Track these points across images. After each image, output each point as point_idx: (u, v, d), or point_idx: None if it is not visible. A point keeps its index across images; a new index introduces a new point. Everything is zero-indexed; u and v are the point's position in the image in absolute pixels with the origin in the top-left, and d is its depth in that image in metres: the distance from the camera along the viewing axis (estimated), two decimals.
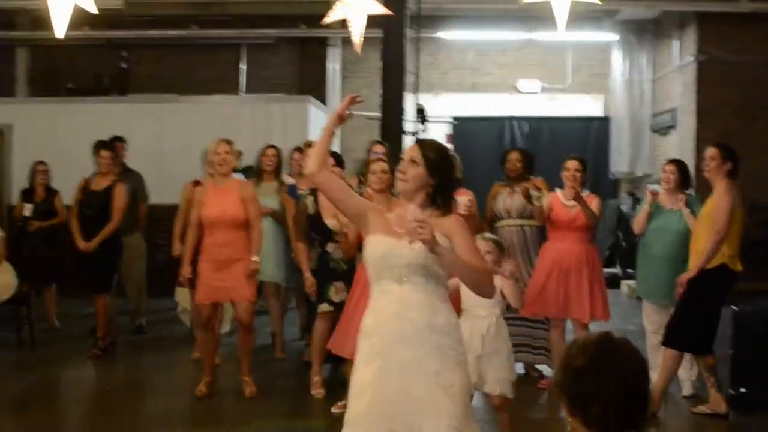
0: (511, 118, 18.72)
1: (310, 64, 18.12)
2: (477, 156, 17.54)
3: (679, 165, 9.23)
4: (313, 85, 17.83)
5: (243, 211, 8.61)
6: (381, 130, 10.91)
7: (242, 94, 18.01)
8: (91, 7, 5.89)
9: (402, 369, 4.67)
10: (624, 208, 16.80)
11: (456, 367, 4.71)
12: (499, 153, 10.53)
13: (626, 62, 18.20)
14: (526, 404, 8.44)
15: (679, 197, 8.89)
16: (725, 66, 15.42)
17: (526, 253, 9.62)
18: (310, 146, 10.57)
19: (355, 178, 9.13)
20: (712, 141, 15.08)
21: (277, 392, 9.20)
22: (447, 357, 4.70)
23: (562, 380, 2.82)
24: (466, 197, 8.72)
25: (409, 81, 11.93)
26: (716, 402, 8.19)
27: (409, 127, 11.78)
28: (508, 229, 9.60)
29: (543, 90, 18.76)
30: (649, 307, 9.16)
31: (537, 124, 18.69)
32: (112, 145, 11.16)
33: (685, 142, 15.91)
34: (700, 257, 8.06)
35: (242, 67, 18.29)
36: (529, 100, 18.80)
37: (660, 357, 8.89)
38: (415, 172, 4.78)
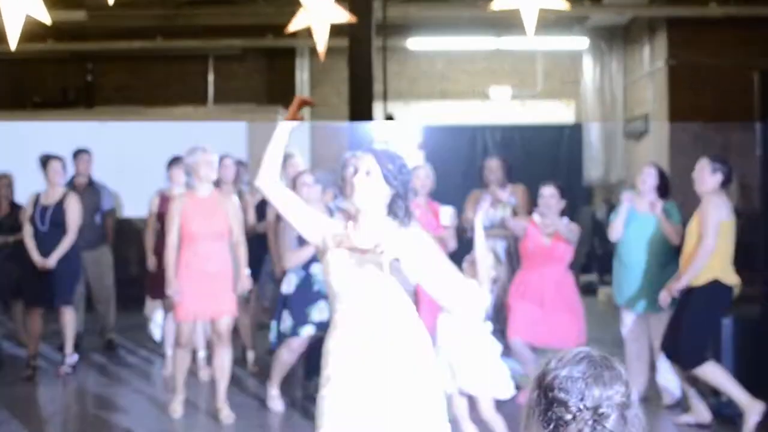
0: (483, 126, 18.61)
1: (278, 75, 17.96)
2: (449, 164, 17.35)
3: (656, 169, 9.05)
4: (281, 95, 17.65)
5: (227, 223, 8.39)
6: (349, 139, 10.77)
7: (210, 105, 17.80)
8: (44, 17, 5.68)
9: (370, 387, 4.52)
10: (598, 215, 16.71)
11: (427, 383, 4.58)
12: (471, 161, 10.39)
13: (597, 68, 18.13)
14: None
15: (656, 204, 8.70)
16: (696, 70, 15.36)
17: (509, 263, 9.44)
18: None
19: (329, 193, 8.95)
20: (686, 145, 15.19)
21: (255, 411, 8.93)
22: (416, 374, 4.56)
23: (535, 397, 2.63)
24: (450, 208, 8.53)
25: (378, 90, 11.79)
26: (699, 411, 8.06)
27: (377, 136, 11.63)
28: (493, 238, 9.41)
29: (514, 97, 18.67)
30: (627, 316, 8.97)
31: (509, 132, 18.56)
32: (60, 157, 10.81)
33: (658, 148, 15.83)
34: (687, 271, 7.86)
35: (210, 78, 18.09)
36: (500, 108, 18.68)
37: (640, 365, 8.78)
38: (372, 183, 4.63)
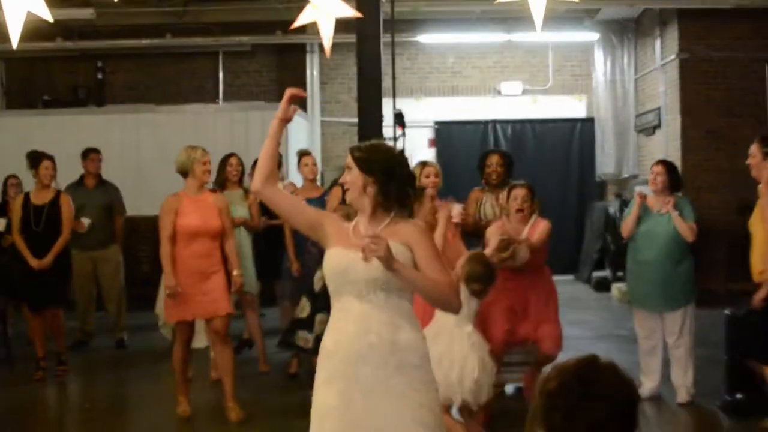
0: (494, 122, 18.56)
1: (288, 71, 17.88)
2: (460, 160, 17.39)
3: (667, 166, 8.90)
4: None
5: (221, 222, 8.36)
6: (358, 135, 10.67)
7: (220, 102, 17.77)
8: (46, 15, 5.64)
9: (366, 391, 4.43)
10: (611, 210, 16.62)
11: (423, 387, 4.47)
12: None
13: (608, 62, 18.03)
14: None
15: (666, 200, 8.60)
16: (708, 63, 15.29)
17: None
18: (306, 153, 10.53)
19: (338, 188, 8.85)
20: (698, 139, 15.12)
21: (267, 411, 8.81)
22: (413, 376, 4.45)
23: (538, 407, 2.61)
24: (459, 205, 8.33)
25: (387, 85, 11.71)
26: None
27: (387, 132, 11.54)
28: None
29: (525, 92, 18.60)
30: (640, 313, 8.86)
31: (520, 126, 18.55)
32: (52, 157, 10.54)
33: (670, 142, 15.75)
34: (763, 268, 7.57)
35: (220, 75, 18.05)
36: (511, 103, 18.62)
37: (653, 362, 8.71)
38: (352, 177, 4.59)
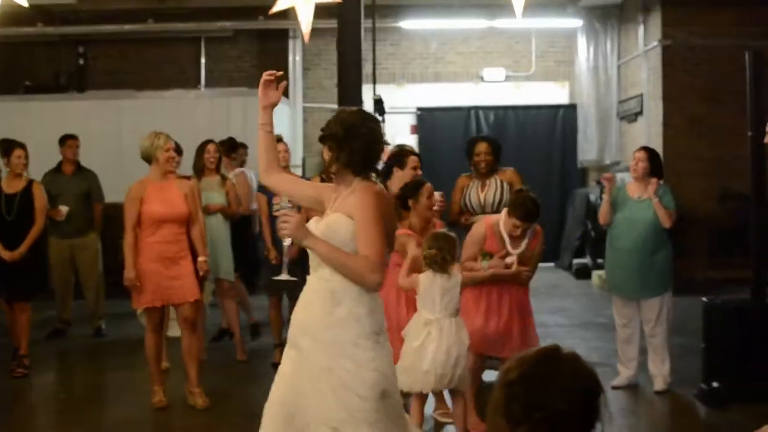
0: (477, 108, 18.51)
1: (270, 57, 17.80)
2: (442, 147, 17.41)
3: (649, 152, 8.85)
4: None
5: (187, 207, 8.30)
6: None
7: (202, 88, 17.69)
8: (21, 0, 5.60)
9: (305, 362, 4.53)
10: (592, 197, 16.60)
11: (353, 366, 4.45)
12: (465, 143, 10.05)
13: (591, 48, 18.00)
14: None
15: (650, 182, 8.55)
16: (691, 50, 15.27)
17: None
18: (280, 139, 10.44)
19: (317, 178, 8.81)
20: (680, 126, 15.10)
21: (242, 400, 8.77)
22: (343, 354, 4.45)
23: (499, 397, 2.60)
24: (439, 193, 8.20)
25: (369, 71, 11.66)
26: None
27: None
28: None
29: (507, 78, 18.56)
30: (618, 301, 8.84)
31: (503, 113, 18.50)
32: (24, 145, 10.32)
33: (652, 128, 15.74)
34: None
35: (202, 61, 17.97)
36: (494, 89, 18.58)
37: (630, 351, 8.69)
38: (325, 152, 4.70)
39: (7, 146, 10.22)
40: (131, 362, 10.32)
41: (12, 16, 6.21)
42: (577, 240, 17.21)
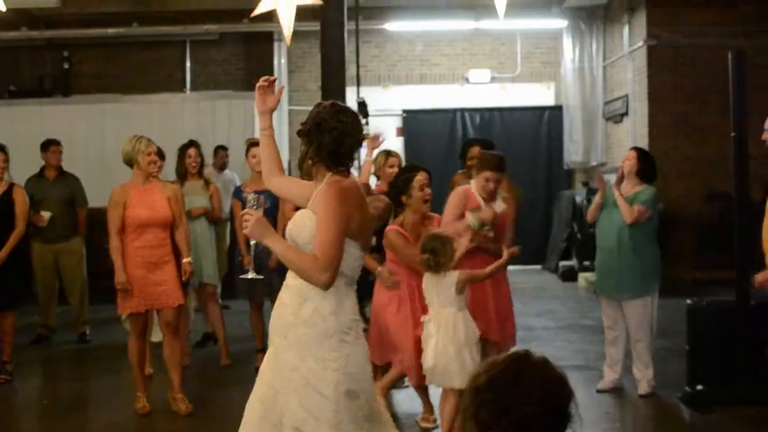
0: (462, 110, 18.49)
1: (256, 60, 17.79)
2: (428, 149, 17.40)
3: (640, 153, 8.76)
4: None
5: (170, 211, 8.26)
6: None
7: (188, 92, 17.65)
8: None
9: (275, 359, 4.58)
10: (578, 199, 16.59)
11: (316, 365, 4.45)
12: (451, 145, 10.01)
13: (576, 49, 17.99)
14: None
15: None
16: (676, 50, 15.27)
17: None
18: (255, 144, 10.32)
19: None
20: (666, 127, 15.10)
21: (226, 405, 8.71)
22: (308, 352, 4.46)
23: (468, 403, 2.60)
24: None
25: (353, 74, 11.62)
26: None
27: None
28: None
29: (493, 80, 18.55)
30: (604, 302, 8.77)
31: (488, 114, 18.48)
32: (4, 147, 10.10)
33: (638, 129, 15.74)
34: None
35: (187, 64, 17.93)
36: (480, 91, 18.56)
37: (616, 353, 8.64)
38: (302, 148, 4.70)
39: None
40: (115, 368, 10.26)
41: None
42: (563, 242, 17.19)
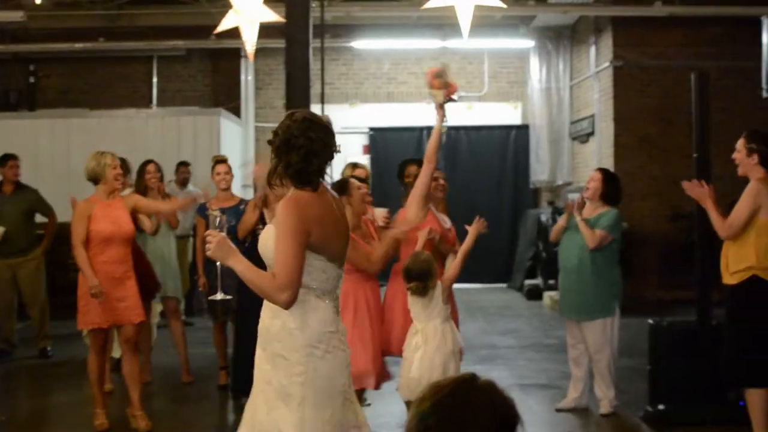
0: (429, 128, 18.43)
1: (223, 76, 17.82)
2: (394, 167, 17.23)
3: (605, 174, 8.69)
4: (226, 97, 17.57)
5: (133, 225, 8.25)
6: None
7: (154, 107, 17.59)
8: None
9: (256, 370, 4.61)
10: (543, 218, 16.60)
11: (284, 378, 4.44)
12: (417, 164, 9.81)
13: (543, 69, 18.07)
14: None
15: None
16: (642, 71, 15.36)
17: None
18: (221, 161, 10.25)
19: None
20: (631, 147, 15.16)
21: (184, 423, 8.71)
22: (278, 366, 4.46)
23: (412, 427, 2.52)
24: (384, 210, 8.03)
25: (318, 91, 11.59)
26: None
27: None
28: None
29: (460, 98, 18.49)
30: (567, 321, 8.75)
31: (455, 133, 18.45)
32: None
33: (604, 149, 15.80)
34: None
35: (154, 80, 17.88)
36: (447, 109, 18.49)
37: (578, 372, 8.60)
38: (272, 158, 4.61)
39: None
40: (76, 384, 10.15)
41: None
42: (528, 261, 17.21)
